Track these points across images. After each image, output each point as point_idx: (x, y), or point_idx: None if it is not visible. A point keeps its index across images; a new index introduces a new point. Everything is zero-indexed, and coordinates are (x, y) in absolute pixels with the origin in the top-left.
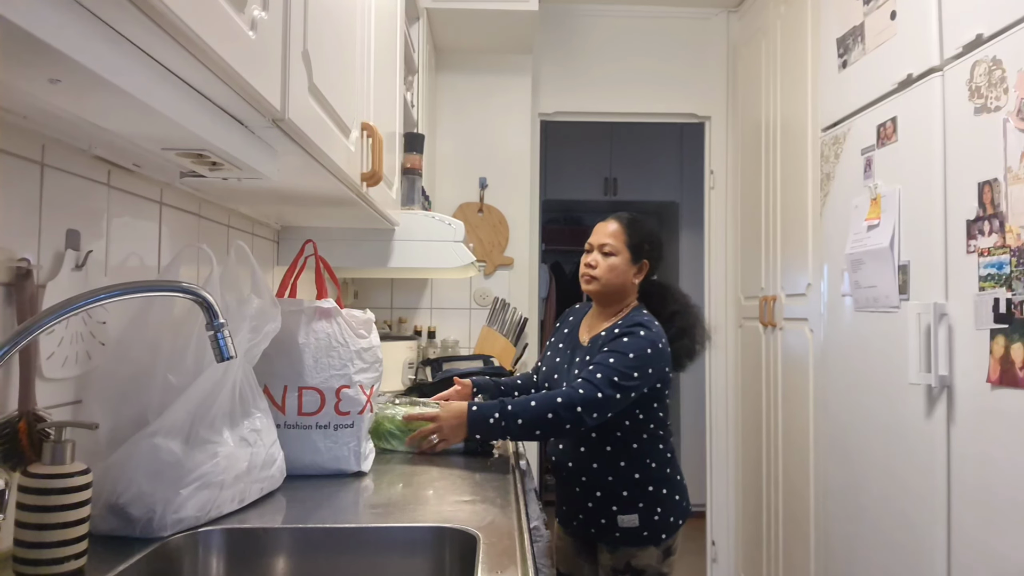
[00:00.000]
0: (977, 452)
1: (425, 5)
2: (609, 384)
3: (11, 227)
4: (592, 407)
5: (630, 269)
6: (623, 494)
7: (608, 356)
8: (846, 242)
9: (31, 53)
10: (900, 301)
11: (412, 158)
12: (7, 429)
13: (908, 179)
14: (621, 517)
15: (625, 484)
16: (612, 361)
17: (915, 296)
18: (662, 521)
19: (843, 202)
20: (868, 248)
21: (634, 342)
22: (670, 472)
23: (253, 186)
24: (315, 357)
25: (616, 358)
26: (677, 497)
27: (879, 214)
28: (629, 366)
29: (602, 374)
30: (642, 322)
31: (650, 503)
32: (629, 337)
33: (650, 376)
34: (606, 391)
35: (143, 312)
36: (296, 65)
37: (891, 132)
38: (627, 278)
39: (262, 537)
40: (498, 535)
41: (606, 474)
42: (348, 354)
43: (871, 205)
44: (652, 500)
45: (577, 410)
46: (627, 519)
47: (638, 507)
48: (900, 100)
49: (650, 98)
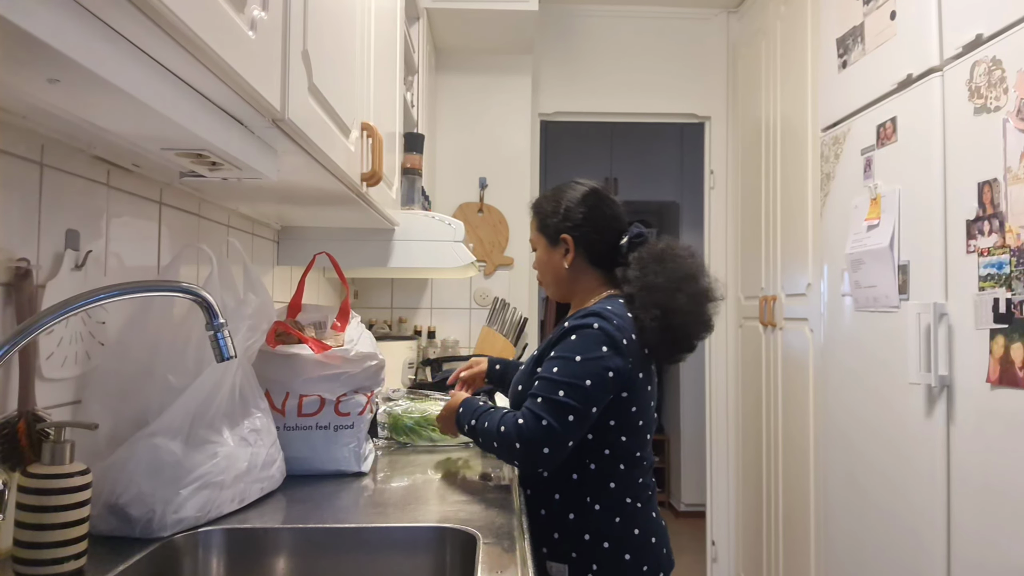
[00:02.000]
0: (977, 452)
1: (425, 5)
2: (557, 408)
3: (10, 227)
4: (537, 441)
5: (553, 256)
6: (554, 536)
7: (552, 365)
8: (846, 242)
9: (30, 53)
10: (900, 301)
11: (412, 158)
12: (6, 429)
13: (908, 179)
14: (550, 564)
15: (556, 524)
16: (556, 371)
17: (915, 296)
18: None
19: (843, 202)
20: (868, 248)
21: (582, 340)
22: (622, 523)
23: (253, 186)
24: (319, 381)
25: (560, 365)
26: (626, 557)
27: (879, 214)
28: (579, 373)
29: (544, 395)
30: (598, 311)
31: (584, 557)
32: (578, 334)
33: (610, 381)
34: (556, 417)
35: (143, 312)
36: (296, 65)
37: (891, 132)
38: (556, 268)
39: (262, 537)
40: (498, 535)
41: (539, 505)
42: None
43: (871, 205)
44: (587, 554)
45: (516, 447)
46: (556, 568)
47: (570, 557)
48: (900, 100)
49: (650, 98)
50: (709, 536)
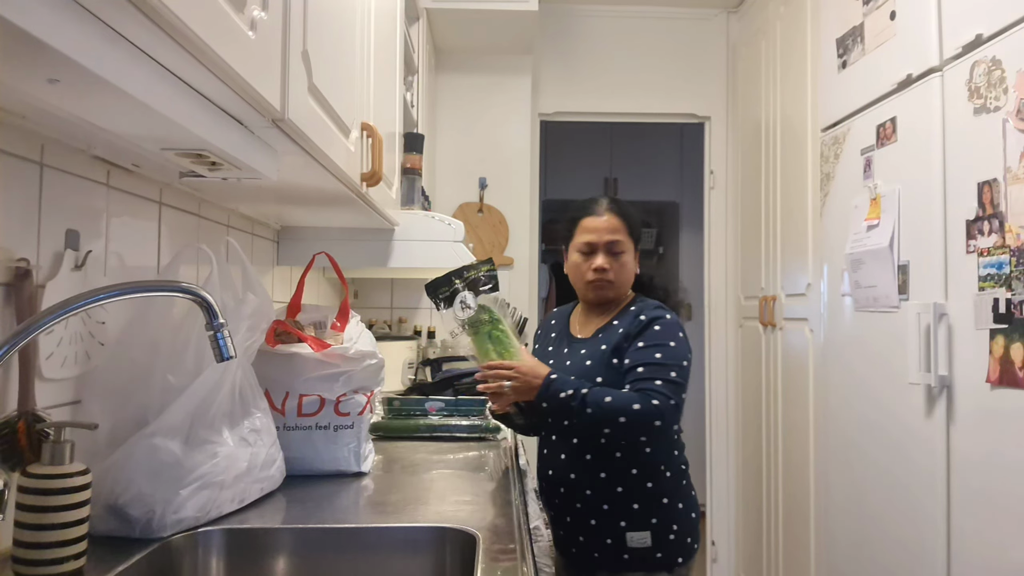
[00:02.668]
0: (977, 451)
1: (425, 5)
2: (676, 387)
3: (10, 227)
4: (671, 417)
5: (634, 260)
6: (634, 507)
7: (652, 352)
8: (846, 242)
9: (30, 53)
10: (900, 301)
11: (412, 158)
12: (6, 429)
13: (908, 179)
14: (631, 535)
15: (636, 495)
16: (659, 356)
17: (915, 296)
18: (678, 542)
19: (843, 202)
20: (868, 248)
21: (668, 328)
22: (685, 485)
23: (253, 186)
24: (319, 380)
25: (664, 352)
26: (693, 515)
27: (879, 214)
28: (679, 355)
29: (661, 377)
30: (659, 304)
31: (664, 519)
32: (661, 324)
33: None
34: (678, 396)
35: (142, 312)
36: (296, 65)
37: (891, 132)
38: (632, 272)
39: (262, 537)
40: (498, 535)
41: (615, 484)
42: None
43: (871, 205)
44: (667, 515)
45: (656, 424)
46: (638, 537)
47: (651, 523)
48: (900, 100)
49: (650, 98)
50: (709, 536)
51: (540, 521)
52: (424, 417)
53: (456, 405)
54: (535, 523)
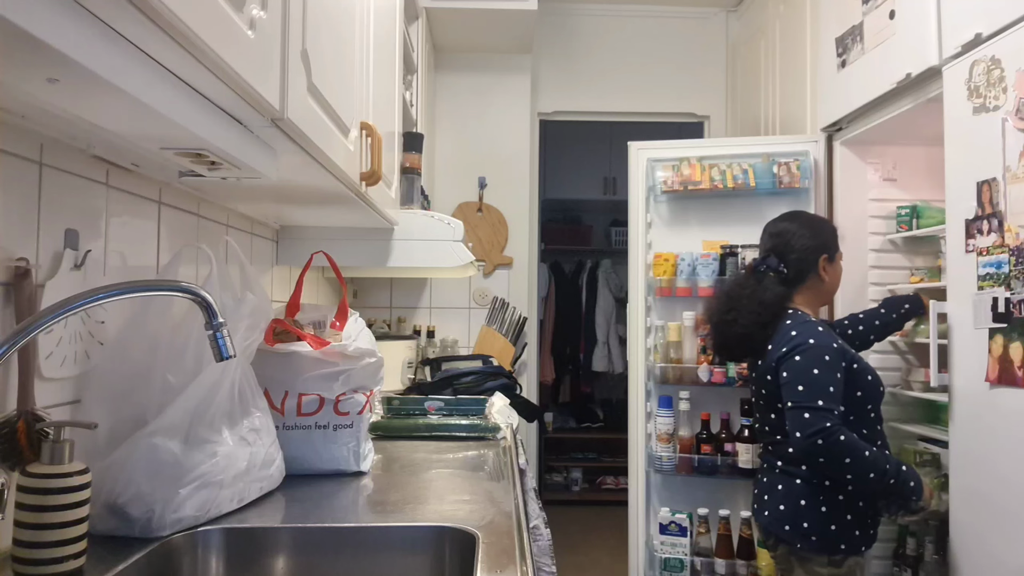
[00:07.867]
0: (976, 450)
1: (424, 4)
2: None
3: (10, 226)
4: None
5: None
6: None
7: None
8: None
9: (29, 52)
10: None
11: (411, 157)
12: (6, 429)
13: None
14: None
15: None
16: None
17: None
18: None
19: None
20: None
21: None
22: None
23: (252, 185)
24: (318, 379)
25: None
26: None
27: None
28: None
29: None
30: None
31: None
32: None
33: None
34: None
35: (142, 312)
36: (295, 65)
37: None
38: None
39: (261, 537)
40: (498, 535)
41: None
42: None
43: None
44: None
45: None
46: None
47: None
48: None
49: (649, 97)
50: None
51: (540, 521)
52: (423, 416)
53: (455, 405)
54: (535, 523)
